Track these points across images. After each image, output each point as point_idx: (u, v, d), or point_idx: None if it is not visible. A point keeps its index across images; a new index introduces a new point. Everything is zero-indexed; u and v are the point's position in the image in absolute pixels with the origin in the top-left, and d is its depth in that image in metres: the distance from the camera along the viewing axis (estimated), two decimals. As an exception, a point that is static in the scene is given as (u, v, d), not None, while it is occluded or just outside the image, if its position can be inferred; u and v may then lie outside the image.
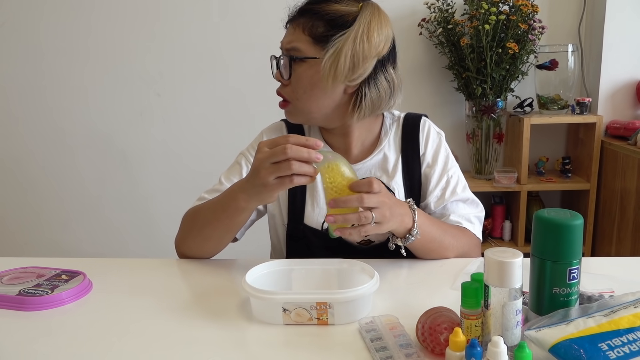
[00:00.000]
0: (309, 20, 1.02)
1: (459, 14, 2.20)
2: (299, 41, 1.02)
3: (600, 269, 0.98)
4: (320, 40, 1.00)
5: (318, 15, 1.01)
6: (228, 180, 1.13)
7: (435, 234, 1.01)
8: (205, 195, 1.14)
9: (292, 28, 1.04)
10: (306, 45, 1.01)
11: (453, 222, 1.08)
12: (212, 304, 0.88)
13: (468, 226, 1.08)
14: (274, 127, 1.19)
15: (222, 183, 1.13)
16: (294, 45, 1.02)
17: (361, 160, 1.12)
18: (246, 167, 1.14)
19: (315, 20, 1.01)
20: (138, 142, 2.47)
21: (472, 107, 2.19)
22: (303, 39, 1.02)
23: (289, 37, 1.04)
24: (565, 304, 0.68)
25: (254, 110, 2.33)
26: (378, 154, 1.12)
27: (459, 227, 1.08)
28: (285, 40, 1.05)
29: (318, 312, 0.78)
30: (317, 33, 1.01)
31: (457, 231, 1.06)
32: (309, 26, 1.01)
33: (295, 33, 1.03)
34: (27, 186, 2.55)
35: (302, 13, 1.03)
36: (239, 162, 1.16)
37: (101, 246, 2.57)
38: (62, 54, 2.39)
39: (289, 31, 1.05)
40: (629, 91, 2.19)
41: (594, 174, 2.14)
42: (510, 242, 2.29)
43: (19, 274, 0.98)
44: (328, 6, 1.02)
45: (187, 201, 1.20)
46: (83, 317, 0.85)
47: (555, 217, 0.68)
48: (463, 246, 1.05)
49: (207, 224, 1.03)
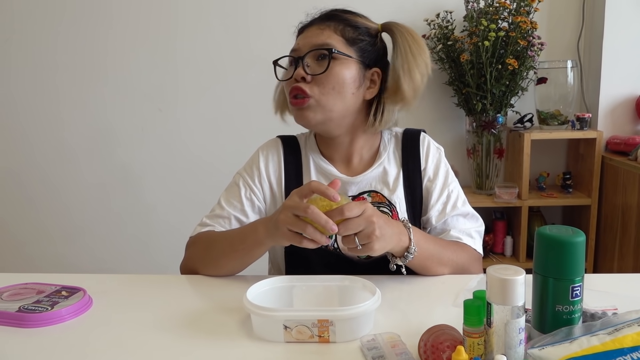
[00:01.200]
0: (338, 24, 1.06)
1: (458, 31, 2.22)
2: (331, 39, 1.04)
3: (602, 286, 0.97)
4: (353, 43, 1.05)
5: (347, 21, 1.07)
6: (228, 203, 1.13)
7: (433, 251, 1.01)
8: (207, 220, 1.13)
9: (319, 29, 1.05)
10: (340, 44, 1.04)
11: (453, 237, 1.08)
12: (213, 321, 0.88)
13: (468, 241, 1.08)
14: (270, 144, 1.19)
15: (223, 207, 1.13)
16: (327, 41, 1.04)
17: (361, 172, 1.12)
18: (244, 189, 1.14)
19: (344, 25, 1.06)
20: (140, 157, 2.47)
21: (472, 122, 2.20)
22: (335, 38, 1.04)
23: (318, 36, 1.04)
24: (569, 322, 0.68)
25: (255, 125, 2.32)
26: (378, 167, 1.13)
27: (458, 242, 1.08)
28: (312, 39, 1.05)
29: (319, 329, 0.77)
30: (348, 36, 1.05)
31: (456, 247, 1.06)
32: (340, 29, 1.05)
33: (325, 33, 1.04)
34: (29, 200, 2.55)
35: (329, 17, 1.07)
36: (237, 184, 1.15)
37: (103, 261, 2.56)
38: (65, 68, 2.41)
39: (314, 32, 1.06)
40: (629, 107, 2.20)
41: (595, 189, 2.14)
42: (512, 257, 2.28)
43: (19, 290, 0.97)
44: (353, 17, 1.08)
45: (188, 216, 1.21)
46: (83, 334, 0.84)
47: (557, 234, 0.68)
48: (463, 262, 1.05)
49: (224, 254, 1.03)
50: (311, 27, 1.07)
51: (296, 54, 1.07)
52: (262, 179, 1.14)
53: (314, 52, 1.04)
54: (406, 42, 1.06)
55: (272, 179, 1.15)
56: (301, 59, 1.04)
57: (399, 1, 2.27)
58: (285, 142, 1.18)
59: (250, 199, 1.13)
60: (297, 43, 1.08)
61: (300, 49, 1.06)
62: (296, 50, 1.07)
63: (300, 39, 1.08)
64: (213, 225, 1.12)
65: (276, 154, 1.16)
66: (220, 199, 1.15)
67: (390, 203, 1.10)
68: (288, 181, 1.14)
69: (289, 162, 1.15)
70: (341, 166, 1.14)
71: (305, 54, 1.04)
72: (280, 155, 1.16)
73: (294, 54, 1.07)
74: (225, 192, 1.16)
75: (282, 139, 1.19)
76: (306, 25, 1.10)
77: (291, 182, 1.13)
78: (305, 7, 1.14)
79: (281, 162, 1.15)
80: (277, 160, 1.16)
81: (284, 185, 1.14)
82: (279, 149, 1.17)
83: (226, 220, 1.12)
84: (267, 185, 1.15)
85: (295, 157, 1.16)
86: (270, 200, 1.15)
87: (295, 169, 1.15)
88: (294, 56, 1.07)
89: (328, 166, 1.14)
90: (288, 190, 1.12)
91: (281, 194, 1.14)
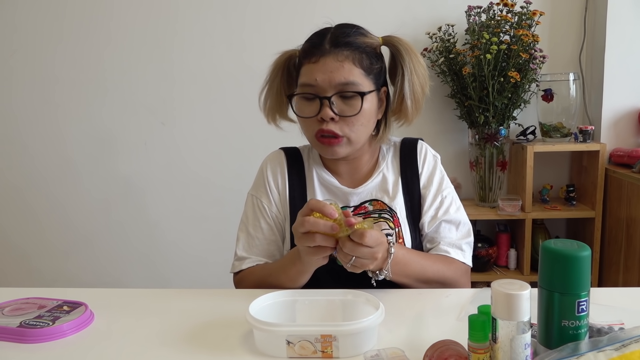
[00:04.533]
0: (354, 52, 1.03)
1: (460, 44, 2.22)
2: (354, 75, 1.02)
3: (608, 300, 0.96)
4: (369, 72, 1.05)
5: (360, 47, 1.04)
6: (257, 229, 1.16)
7: (416, 267, 1.03)
8: (244, 253, 1.16)
9: (337, 62, 1.01)
10: (361, 78, 1.03)
11: (442, 250, 1.11)
12: (215, 336, 0.87)
13: (457, 254, 1.11)
14: (273, 159, 1.21)
15: (254, 236, 1.16)
16: (352, 80, 1.02)
17: (362, 183, 1.15)
18: (263, 210, 1.16)
19: (359, 52, 1.04)
20: (143, 170, 2.47)
21: (475, 135, 2.20)
22: (356, 72, 1.03)
23: (339, 71, 1.01)
24: (575, 337, 0.67)
25: (257, 139, 2.33)
26: (377, 177, 1.15)
27: (446, 257, 1.10)
28: (334, 75, 1.01)
29: (322, 344, 0.77)
30: (365, 65, 1.04)
31: (443, 262, 1.09)
32: (357, 59, 1.03)
33: (346, 67, 1.01)
34: (32, 214, 2.55)
35: (345, 45, 1.03)
36: (256, 205, 1.17)
37: (106, 274, 2.55)
38: (68, 83, 2.42)
39: (333, 65, 1.01)
40: (632, 119, 2.19)
41: (599, 201, 2.13)
42: (516, 270, 2.26)
43: (21, 304, 0.97)
44: (362, 39, 1.06)
45: (191, 230, 1.21)
46: (84, 350, 0.84)
47: (562, 248, 0.67)
48: (449, 276, 1.08)
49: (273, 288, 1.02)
50: (327, 58, 1.02)
51: (317, 91, 1.03)
52: (271, 196, 1.17)
53: (351, 93, 1.02)
54: (411, 62, 1.06)
55: (279, 191, 1.18)
56: (327, 99, 1.02)
57: (401, 15, 2.28)
58: (289, 155, 1.20)
59: (270, 216, 1.17)
60: (315, 78, 1.02)
61: (322, 86, 1.02)
62: (316, 87, 1.03)
63: (317, 72, 1.02)
64: (250, 257, 1.15)
65: (279, 168, 1.19)
66: (249, 229, 1.17)
67: (391, 209, 1.13)
68: (292, 192, 1.16)
69: (293, 174, 1.18)
70: (343, 178, 1.17)
71: (332, 94, 1.02)
72: (284, 168, 1.18)
73: (316, 92, 1.03)
74: (245, 218, 1.19)
75: (285, 152, 1.21)
76: (320, 52, 1.03)
77: (295, 194, 1.16)
78: (306, 22, 1.15)
79: (285, 175, 1.18)
80: (281, 173, 1.18)
81: (288, 196, 1.16)
82: (283, 162, 1.19)
83: (259, 248, 1.16)
84: (277, 198, 1.18)
85: (299, 170, 1.18)
86: (282, 211, 1.18)
87: (299, 181, 1.17)
88: (317, 95, 1.03)
89: (330, 178, 1.16)
90: (293, 201, 1.16)
91: (286, 204, 1.16)
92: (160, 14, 2.36)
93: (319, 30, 1.08)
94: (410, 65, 1.06)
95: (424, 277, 1.04)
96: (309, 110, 1.05)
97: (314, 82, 1.02)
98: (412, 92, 1.07)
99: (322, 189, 1.16)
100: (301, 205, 0.93)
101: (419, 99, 1.09)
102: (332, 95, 1.02)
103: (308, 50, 1.05)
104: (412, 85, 1.07)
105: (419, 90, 1.08)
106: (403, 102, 1.07)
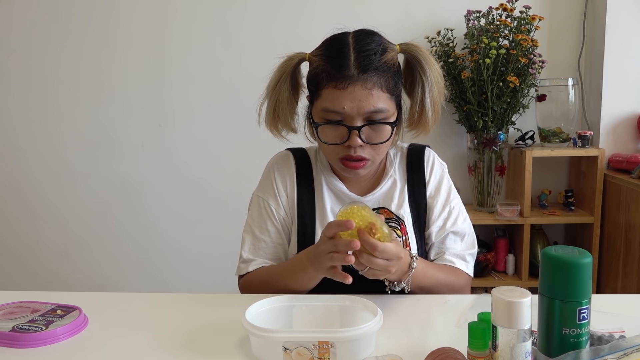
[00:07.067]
0: (381, 77, 0.99)
1: (459, 48, 2.22)
2: (382, 102, 0.99)
3: (608, 307, 0.95)
4: (393, 93, 1.02)
5: (386, 69, 1.00)
6: (263, 231, 1.15)
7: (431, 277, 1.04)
8: (249, 255, 1.14)
9: (366, 90, 0.97)
10: (388, 103, 1.01)
11: (446, 260, 1.12)
12: (211, 342, 0.86)
13: (462, 265, 1.12)
14: (281, 160, 1.19)
15: (260, 239, 1.14)
16: (380, 107, 0.99)
17: (370, 190, 1.14)
18: (270, 212, 1.15)
19: (384, 75, 1.00)
20: (139, 173, 2.46)
21: (473, 139, 2.19)
22: (384, 97, 1.00)
23: (368, 99, 0.98)
24: (576, 345, 0.66)
25: (255, 141, 2.33)
26: (386, 184, 1.15)
27: (453, 268, 1.11)
28: (362, 104, 0.98)
29: (320, 351, 0.76)
30: (391, 87, 1.01)
31: (450, 271, 1.10)
32: (385, 84, 1.00)
33: (374, 94, 0.98)
34: (27, 216, 2.53)
35: (374, 71, 0.98)
36: (263, 207, 1.15)
37: (101, 277, 2.54)
38: (64, 84, 2.41)
39: (361, 93, 0.97)
40: (631, 124, 2.19)
41: (598, 207, 2.13)
42: (514, 276, 2.25)
43: (14, 308, 0.96)
44: (386, 58, 1.01)
45: (187, 233, 1.19)
46: (77, 355, 0.82)
47: (563, 255, 0.67)
48: (456, 286, 1.09)
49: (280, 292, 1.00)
50: (356, 85, 0.97)
51: (345, 118, 1.00)
52: (280, 199, 1.15)
53: (382, 123, 1.01)
54: (431, 73, 1.03)
55: (287, 195, 1.16)
56: (357, 129, 0.99)
57: (400, 19, 2.28)
58: (297, 157, 1.18)
59: (278, 219, 1.15)
60: (343, 106, 0.98)
61: (350, 114, 0.98)
62: (343, 114, 0.99)
63: (345, 101, 0.98)
64: (256, 260, 1.13)
65: (287, 170, 1.17)
66: (254, 230, 1.15)
67: (398, 218, 1.12)
68: (300, 195, 1.15)
69: (301, 175, 1.16)
70: (352, 185, 1.15)
71: (361, 125, 0.99)
72: (292, 171, 1.17)
73: (343, 119, 1.00)
74: (251, 220, 1.17)
75: (293, 154, 1.19)
76: (347, 79, 0.97)
77: (304, 197, 1.14)
78: (303, 25, 1.14)
79: (294, 179, 1.16)
80: (289, 176, 1.16)
81: (296, 199, 1.14)
82: (291, 165, 1.17)
83: (265, 251, 1.14)
84: (286, 201, 1.16)
85: (308, 174, 1.17)
86: (290, 214, 1.16)
87: (307, 185, 1.16)
88: (346, 125, 0.99)
89: (339, 184, 1.14)
90: (300, 203, 1.14)
91: (294, 207, 1.14)
92: (158, 16, 2.35)
93: (339, 44, 1.01)
94: (430, 77, 1.03)
95: (436, 289, 1.05)
96: (334, 136, 1.02)
97: (342, 110, 0.98)
98: (432, 104, 1.05)
99: (331, 195, 1.14)
100: (309, 210, 0.96)
101: (438, 109, 1.07)
102: (361, 125, 0.99)
103: (333, 74, 0.99)
104: (432, 96, 1.04)
105: (439, 101, 1.06)
106: (423, 114, 1.05)
